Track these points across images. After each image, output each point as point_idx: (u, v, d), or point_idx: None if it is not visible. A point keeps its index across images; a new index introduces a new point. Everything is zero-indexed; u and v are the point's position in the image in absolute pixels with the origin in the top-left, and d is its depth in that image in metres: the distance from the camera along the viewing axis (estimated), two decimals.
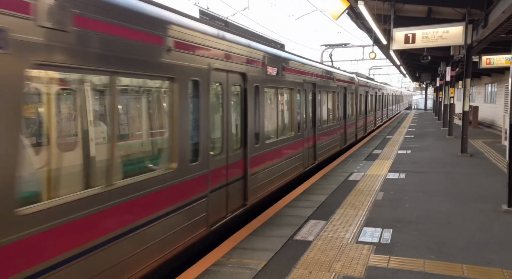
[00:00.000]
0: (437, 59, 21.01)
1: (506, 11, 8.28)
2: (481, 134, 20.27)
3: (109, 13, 3.82)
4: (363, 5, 9.56)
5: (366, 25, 15.31)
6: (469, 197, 7.88)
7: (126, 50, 3.99)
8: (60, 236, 3.32)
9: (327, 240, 5.62)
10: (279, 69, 8.30)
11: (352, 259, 4.95)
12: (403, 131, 22.93)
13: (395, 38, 12.17)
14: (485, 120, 25.94)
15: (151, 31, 4.37)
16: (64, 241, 3.36)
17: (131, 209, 4.12)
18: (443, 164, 11.76)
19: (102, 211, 3.74)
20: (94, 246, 3.65)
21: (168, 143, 4.89)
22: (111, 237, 3.84)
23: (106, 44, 3.74)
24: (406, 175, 10.17)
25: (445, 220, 6.44)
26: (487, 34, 11.36)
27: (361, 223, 6.36)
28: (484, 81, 26.80)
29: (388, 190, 8.57)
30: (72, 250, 3.43)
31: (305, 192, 8.51)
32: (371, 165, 11.68)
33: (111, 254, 3.85)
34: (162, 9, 4.72)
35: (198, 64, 5.29)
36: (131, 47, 4.05)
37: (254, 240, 5.67)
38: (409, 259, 4.93)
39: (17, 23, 2.93)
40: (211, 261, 4.93)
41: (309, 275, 4.52)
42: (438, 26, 11.91)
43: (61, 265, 3.33)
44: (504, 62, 16.82)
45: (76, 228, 3.47)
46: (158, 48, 4.48)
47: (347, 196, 8.06)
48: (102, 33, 3.71)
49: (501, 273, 4.51)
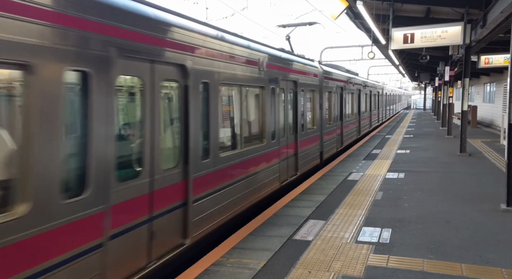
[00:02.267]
0: (436, 59, 21.02)
1: (505, 11, 8.29)
2: (480, 134, 20.29)
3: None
4: (362, 4, 9.56)
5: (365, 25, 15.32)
6: (468, 197, 7.89)
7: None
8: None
9: (326, 239, 5.63)
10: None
11: (351, 258, 4.96)
12: (402, 131, 22.95)
13: (393, 38, 12.17)
14: (484, 120, 25.97)
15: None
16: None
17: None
18: (442, 163, 11.77)
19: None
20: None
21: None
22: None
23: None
24: (405, 174, 10.18)
25: (444, 220, 6.45)
26: (485, 34, 11.38)
27: (360, 222, 6.37)
28: (482, 81, 26.83)
29: (387, 189, 8.58)
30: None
31: (304, 192, 8.51)
32: (370, 165, 11.69)
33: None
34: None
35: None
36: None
37: (254, 240, 5.68)
38: (408, 258, 4.93)
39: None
40: (210, 261, 4.93)
41: (309, 275, 4.53)
42: (437, 26, 11.92)
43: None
44: (503, 62, 16.84)
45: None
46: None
47: (346, 196, 8.06)
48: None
49: (500, 272, 4.52)
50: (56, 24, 3.28)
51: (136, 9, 4.31)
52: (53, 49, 3.24)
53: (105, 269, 3.80)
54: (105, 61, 3.80)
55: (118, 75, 4.03)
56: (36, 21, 3.11)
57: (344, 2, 10.11)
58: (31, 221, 3.08)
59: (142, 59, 4.35)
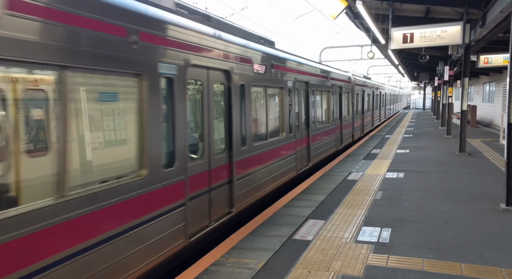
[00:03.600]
0: (435, 58, 21.04)
1: (504, 10, 8.30)
2: (480, 133, 20.30)
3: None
4: (361, 4, 9.56)
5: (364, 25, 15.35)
6: (467, 196, 7.89)
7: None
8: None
9: (326, 239, 5.63)
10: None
11: (351, 258, 4.96)
12: (401, 131, 22.95)
13: (393, 37, 12.18)
14: (484, 120, 25.99)
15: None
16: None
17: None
18: (441, 163, 11.78)
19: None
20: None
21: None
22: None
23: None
24: (404, 174, 10.18)
25: (444, 219, 6.46)
26: (485, 34, 11.38)
27: (360, 222, 6.37)
28: (482, 81, 26.84)
29: (387, 189, 8.58)
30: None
31: (304, 192, 8.52)
32: (370, 164, 11.69)
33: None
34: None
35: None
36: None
37: (253, 239, 5.68)
38: (408, 258, 4.94)
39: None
40: (210, 261, 4.93)
41: (308, 275, 4.53)
42: (436, 25, 11.93)
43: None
44: (502, 62, 16.85)
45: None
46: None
47: (346, 196, 8.07)
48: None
49: (500, 272, 4.53)
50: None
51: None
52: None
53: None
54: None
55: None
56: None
57: (343, 1, 10.11)
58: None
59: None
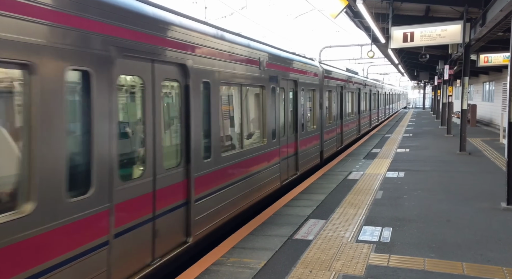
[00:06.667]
0: (435, 57, 21.02)
1: (504, 9, 8.29)
2: (480, 132, 20.30)
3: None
4: (362, 3, 9.55)
5: (364, 24, 15.34)
6: (468, 195, 7.88)
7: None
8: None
9: (327, 239, 5.62)
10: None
11: (352, 258, 4.95)
12: (401, 130, 22.95)
13: (393, 36, 12.17)
14: (483, 119, 25.98)
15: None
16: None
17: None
18: (442, 162, 11.77)
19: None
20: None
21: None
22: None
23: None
24: (405, 173, 10.17)
25: (445, 218, 6.45)
26: (485, 33, 11.38)
27: (361, 221, 6.36)
28: (482, 80, 26.83)
29: (387, 188, 8.57)
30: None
31: (304, 191, 8.51)
32: (370, 164, 11.69)
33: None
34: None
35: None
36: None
37: (254, 239, 5.67)
38: (409, 257, 4.93)
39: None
40: (211, 261, 4.92)
41: (309, 274, 4.52)
42: (436, 24, 11.92)
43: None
44: (502, 61, 16.84)
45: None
46: None
47: (346, 195, 8.06)
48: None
49: (501, 271, 4.52)
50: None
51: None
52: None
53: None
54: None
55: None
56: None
57: (343, 1, 10.09)
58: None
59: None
